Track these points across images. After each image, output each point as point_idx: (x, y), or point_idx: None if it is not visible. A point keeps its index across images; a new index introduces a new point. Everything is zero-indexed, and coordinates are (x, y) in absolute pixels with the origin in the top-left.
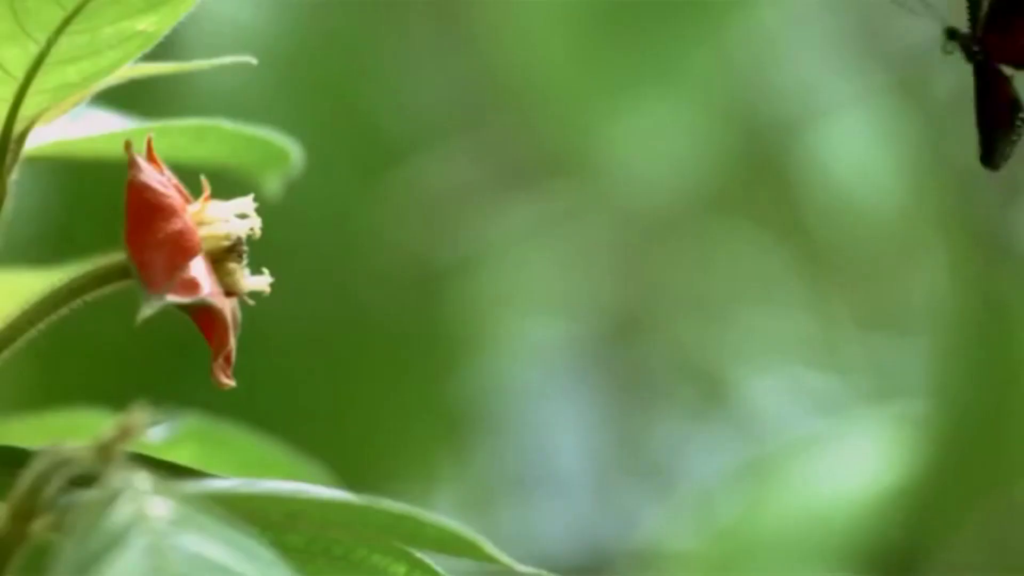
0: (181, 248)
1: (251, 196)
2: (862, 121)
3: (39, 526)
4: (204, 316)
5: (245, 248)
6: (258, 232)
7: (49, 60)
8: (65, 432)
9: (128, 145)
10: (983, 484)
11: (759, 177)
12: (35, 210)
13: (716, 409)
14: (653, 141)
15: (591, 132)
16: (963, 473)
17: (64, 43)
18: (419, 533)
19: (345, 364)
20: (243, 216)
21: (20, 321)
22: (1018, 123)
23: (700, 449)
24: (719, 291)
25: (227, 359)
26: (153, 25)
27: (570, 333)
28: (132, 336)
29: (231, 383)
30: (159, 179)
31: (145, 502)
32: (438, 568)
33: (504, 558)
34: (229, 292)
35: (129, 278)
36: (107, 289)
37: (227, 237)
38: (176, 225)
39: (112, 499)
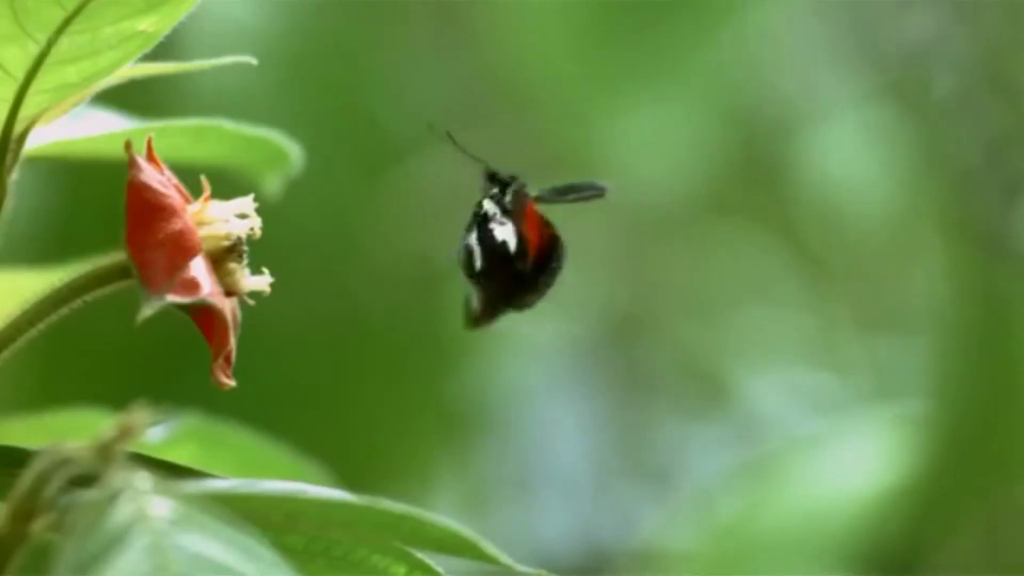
0: (181, 248)
1: (251, 196)
2: (861, 121)
3: (39, 526)
4: (204, 316)
5: (245, 248)
6: (258, 232)
7: (49, 60)
8: (65, 432)
9: (128, 145)
10: (983, 484)
11: (759, 177)
12: (35, 210)
13: (716, 409)
14: (653, 141)
15: (591, 132)
16: (963, 473)
17: (64, 43)
18: (419, 533)
19: (345, 364)
20: (243, 216)
21: (20, 321)
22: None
23: (700, 449)
24: (719, 291)
25: (227, 359)
26: (153, 25)
27: (570, 333)
28: (132, 336)
29: (231, 383)
30: (159, 179)
31: (145, 502)
32: (438, 568)
33: (504, 558)
34: (229, 292)
35: (129, 278)
36: (107, 289)
37: (227, 237)
38: (176, 225)
39: (112, 499)
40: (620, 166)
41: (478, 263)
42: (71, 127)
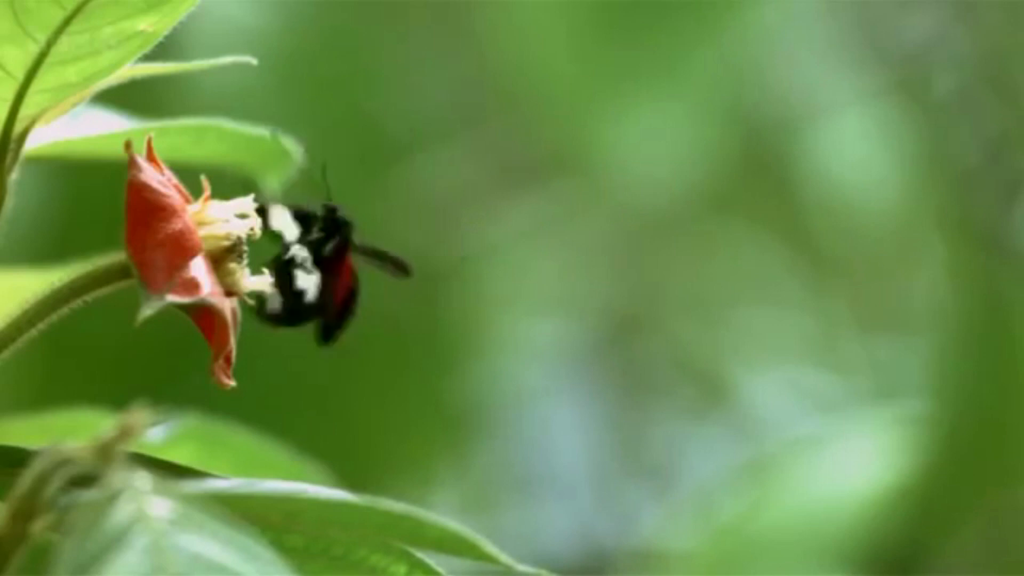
0: (181, 248)
1: (251, 196)
2: (862, 121)
3: (39, 526)
4: (204, 316)
5: (245, 248)
6: (258, 232)
7: (49, 60)
8: (65, 432)
9: (128, 145)
10: (983, 484)
11: (759, 177)
12: (35, 210)
13: (716, 409)
14: (653, 141)
15: (591, 132)
16: (963, 473)
17: (64, 43)
18: (419, 533)
19: (345, 364)
20: (243, 216)
21: (20, 321)
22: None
23: (700, 449)
24: (719, 291)
25: (227, 359)
26: (153, 25)
27: (570, 333)
28: (132, 336)
29: (231, 383)
30: (159, 179)
31: (145, 502)
32: (438, 568)
33: (503, 558)
34: (229, 292)
35: (129, 278)
36: (107, 289)
37: (227, 237)
38: (176, 225)
39: (112, 499)
40: (620, 166)
41: (272, 308)
42: (71, 127)
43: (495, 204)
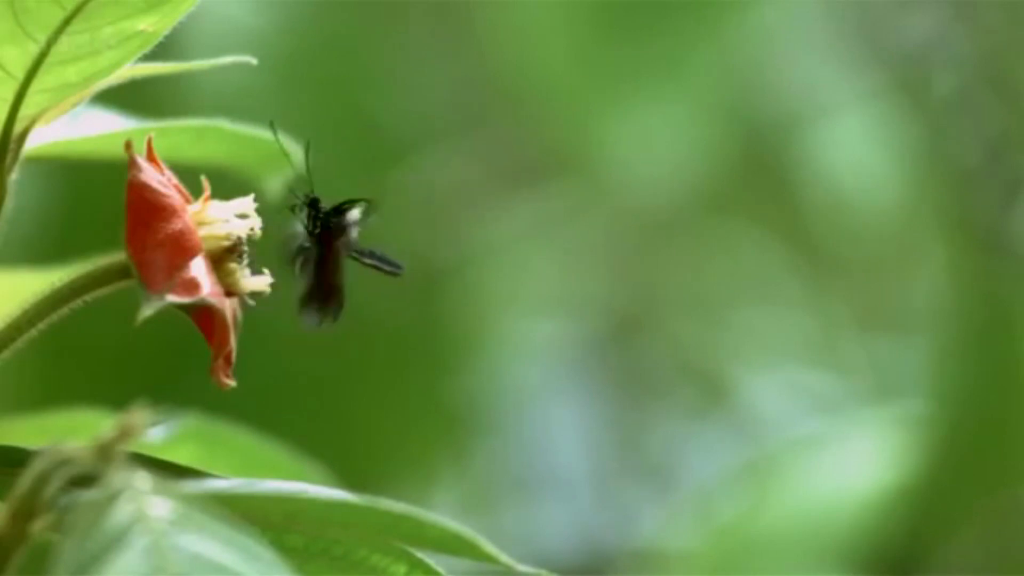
0: (181, 248)
1: (251, 196)
2: (862, 121)
3: (39, 526)
4: (204, 316)
5: (245, 248)
6: (258, 232)
7: (49, 60)
8: (65, 432)
9: (128, 145)
10: (983, 484)
11: (759, 177)
12: (35, 210)
13: (716, 409)
14: (653, 141)
15: (591, 132)
16: (963, 473)
17: (64, 43)
18: (419, 533)
19: (345, 364)
20: (243, 216)
21: (20, 321)
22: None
23: (700, 449)
24: (719, 291)
25: (227, 359)
26: (153, 25)
27: (570, 333)
28: (132, 336)
29: (231, 383)
30: (159, 179)
31: (145, 502)
32: (438, 568)
33: (504, 558)
34: (229, 292)
35: (129, 278)
36: (107, 289)
37: (227, 237)
38: (176, 225)
39: (112, 499)
40: (620, 166)
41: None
42: (71, 127)
43: (495, 204)
